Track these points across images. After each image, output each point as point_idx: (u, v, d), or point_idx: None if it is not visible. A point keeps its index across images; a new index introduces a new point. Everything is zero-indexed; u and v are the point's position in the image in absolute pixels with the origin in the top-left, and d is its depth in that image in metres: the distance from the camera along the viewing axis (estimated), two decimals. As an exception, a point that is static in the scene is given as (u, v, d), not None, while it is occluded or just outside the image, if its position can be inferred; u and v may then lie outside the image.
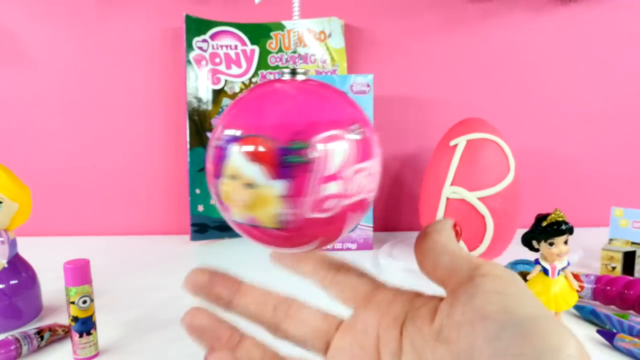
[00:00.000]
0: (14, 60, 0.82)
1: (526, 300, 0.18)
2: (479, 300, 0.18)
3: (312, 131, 0.21)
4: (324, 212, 0.21)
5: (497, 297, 0.18)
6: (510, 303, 0.18)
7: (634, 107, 0.83)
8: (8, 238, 0.48)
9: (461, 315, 0.19)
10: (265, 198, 0.21)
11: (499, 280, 0.19)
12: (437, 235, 0.22)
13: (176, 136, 0.84)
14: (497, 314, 0.17)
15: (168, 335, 0.46)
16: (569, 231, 0.43)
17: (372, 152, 0.23)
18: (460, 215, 0.61)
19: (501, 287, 0.18)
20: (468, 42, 0.82)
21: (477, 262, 0.20)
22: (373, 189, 0.24)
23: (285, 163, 0.21)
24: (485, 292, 0.18)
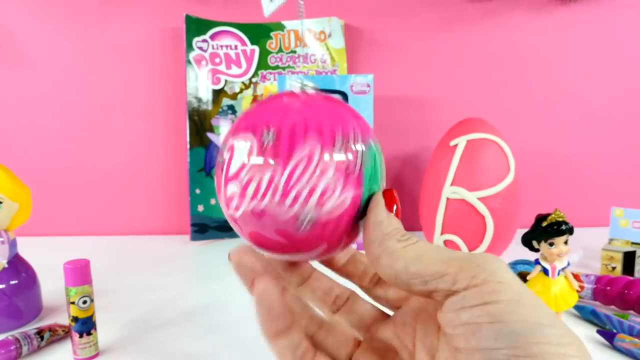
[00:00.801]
0: (14, 60, 0.82)
1: (520, 305, 0.17)
2: (465, 315, 0.18)
3: (229, 135, 0.22)
4: (233, 211, 0.22)
5: (483, 309, 0.17)
6: (500, 311, 0.17)
7: (634, 107, 0.83)
8: (8, 238, 0.48)
9: (453, 329, 0.18)
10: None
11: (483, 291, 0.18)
12: (389, 259, 0.20)
13: (176, 136, 0.84)
14: (486, 325, 0.17)
15: (168, 335, 0.46)
16: (569, 231, 0.43)
17: (280, 159, 0.21)
18: (460, 215, 0.61)
19: (487, 297, 0.17)
20: (468, 42, 0.82)
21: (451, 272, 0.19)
22: (285, 202, 0.21)
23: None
24: (470, 306, 0.18)
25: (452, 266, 0.19)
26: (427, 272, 0.19)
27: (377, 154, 0.23)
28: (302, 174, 0.21)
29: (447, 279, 0.19)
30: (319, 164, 0.21)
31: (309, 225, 0.21)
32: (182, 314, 0.50)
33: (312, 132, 0.21)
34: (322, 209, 0.21)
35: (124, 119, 0.84)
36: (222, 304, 0.52)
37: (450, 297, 0.19)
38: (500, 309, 0.17)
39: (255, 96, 0.81)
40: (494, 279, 0.18)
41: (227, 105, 0.81)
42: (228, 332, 0.46)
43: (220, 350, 0.43)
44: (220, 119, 0.80)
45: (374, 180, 0.23)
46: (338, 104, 0.24)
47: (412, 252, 0.20)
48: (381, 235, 0.21)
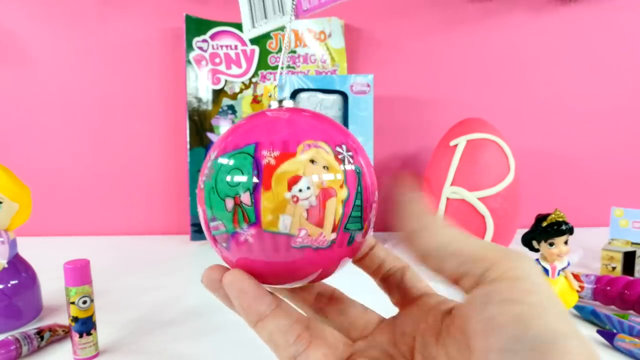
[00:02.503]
0: (14, 60, 0.82)
1: (547, 312, 0.16)
2: (491, 309, 0.17)
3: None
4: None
5: (511, 307, 0.16)
6: (527, 314, 0.16)
7: (634, 107, 0.83)
8: (8, 238, 0.48)
9: (476, 324, 0.17)
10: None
11: (515, 287, 0.17)
12: (429, 233, 0.20)
13: (176, 136, 0.84)
14: (510, 325, 0.16)
15: (168, 335, 0.46)
16: (569, 231, 0.43)
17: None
18: (460, 215, 0.61)
19: (517, 295, 0.17)
20: (468, 42, 0.82)
21: (489, 259, 0.18)
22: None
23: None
24: (498, 300, 0.17)
25: (491, 254, 0.18)
26: (466, 252, 0.19)
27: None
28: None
29: (483, 264, 0.18)
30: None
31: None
32: (182, 314, 0.50)
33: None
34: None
35: (123, 119, 0.84)
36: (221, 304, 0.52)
37: (479, 287, 0.18)
38: (526, 312, 0.16)
39: (255, 96, 0.81)
40: (528, 279, 0.17)
41: (227, 105, 0.81)
42: (228, 332, 0.46)
43: (220, 350, 0.43)
44: (220, 119, 0.80)
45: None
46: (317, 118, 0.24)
47: (452, 232, 0.20)
48: (422, 210, 0.21)
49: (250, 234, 0.21)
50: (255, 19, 0.29)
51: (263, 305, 0.21)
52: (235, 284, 0.21)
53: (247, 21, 0.30)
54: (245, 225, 0.20)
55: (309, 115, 0.23)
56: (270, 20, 0.28)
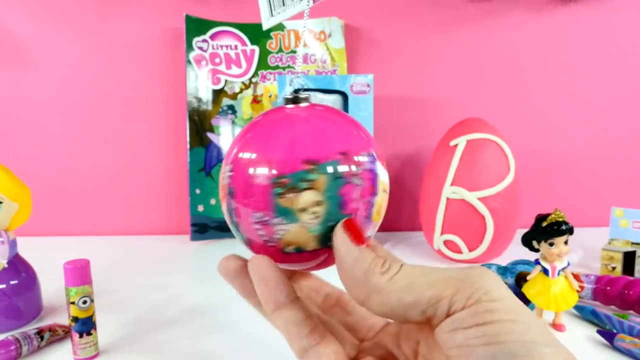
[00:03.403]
0: (14, 60, 0.82)
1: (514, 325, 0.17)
2: (459, 337, 0.17)
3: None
4: None
5: (477, 331, 0.17)
6: (494, 332, 0.17)
7: (634, 107, 0.83)
8: (8, 238, 0.48)
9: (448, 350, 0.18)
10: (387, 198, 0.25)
11: (476, 312, 0.17)
12: (379, 298, 0.19)
13: (176, 136, 0.84)
14: (481, 347, 0.17)
15: (168, 335, 0.46)
16: (569, 231, 0.43)
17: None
18: (460, 215, 0.61)
19: (480, 319, 0.17)
20: (468, 42, 0.82)
21: (447, 295, 0.18)
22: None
23: None
24: (464, 328, 0.17)
25: (447, 287, 0.18)
26: (423, 299, 0.18)
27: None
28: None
29: (444, 302, 0.18)
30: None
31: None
32: (182, 314, 0.50)
33: None
34: None
35: (124, 119, 0.84)
36: (222, 304, 0.52)
37: (445, 320, 0.18)
38: (495, 330, 0.17)
39: (255, 96, 0.81)
40: (488, 298, 0.17)
41: (227, 105, 0.81)
42: (228, 332, 0.46)
43: (220, 350, 0.43)
44: (220, 119, 0.80)
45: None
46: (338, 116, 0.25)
47: (401, 282, 0.19)
48: (362, 273, 0.20)
49: None
50: (273, 7, 0.29)
51: (282, 295, 0.22)
52: (260, 270, 0.22)
53: (265, 10, 0.30)
54: None
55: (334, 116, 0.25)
56: (289, 7, 0.28)
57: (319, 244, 0.22)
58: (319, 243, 0.22)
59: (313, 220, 0.21)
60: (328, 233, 0.22)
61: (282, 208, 0.21)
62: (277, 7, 0.29)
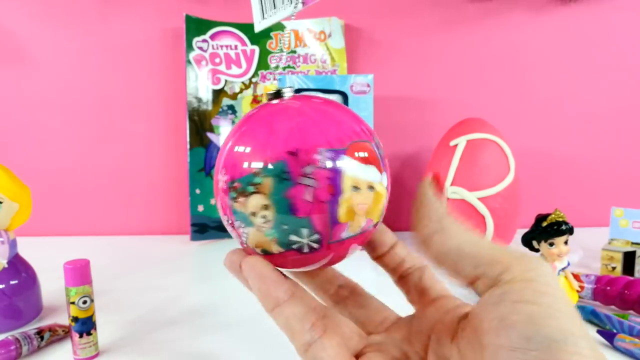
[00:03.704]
0: (14, 60, 0.82)
1: (559, 313, 0.17)
2: (504, 308, 0.17)
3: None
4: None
5: (524, 307, 0.17)
6: (539, 314, 0.17)
7: (634, 107, 0.83)
8: (8, 238, 0.48)
9: (489, 322, 0.18)
10: (381, 194, 0.22)
11: (528, 288, 0.17)
12: (445, 236, 0.21)
13: (176, 136, 0.84)
14: (522, 324, 0.17)
15: (168, 335, 0.46)
16: (569, 231, 0.43)
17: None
18: (460, 215, 0.61)
19: (530, 296, 0.17)
20: (468, 42, 0.82)
21: (504, 262, 0.18)
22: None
23: (381, 158, 0.23)
24: (512, 300, 0.17)
25: (506, 257, 0.19)
26: (481, 255, 0.19)
27: None
28: None
29: (498, 267, 0.18)
30: None
31: None
32: (182, 314, 0.50)
33: None
34: None
35: (124, 119, 0.84)
36: (222, 304, 0.52)
37: (493, 288, 0.18)
38: (540, 312, 0.17)
39: (255, 96, 0.81)
40: (542, 281, 0.18)
41: (227, 105, 0.81)
42: (228, 332, 0.46)
43: (220, 350, 0.43)
44: (220, 119, 0.80)
45: None
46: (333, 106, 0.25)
47: (468, 235, 0.20)
48: (439, 213, 0.21)
49: None
50: (265, 10, 0.30)
51: (280, 291, 0.21)
52: (255, 269, 0.22)
53: (257, 13, 0.30)
54: None
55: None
56: (279, 9, 0.29)
57: (283, 247, 0.21)
58: (281, 246, 0.21)
59: (265, 224, 0.21)
60: (285, 238, 0.21)
61: (238, 212, 0.21)
62: (269, 9, 0.30)
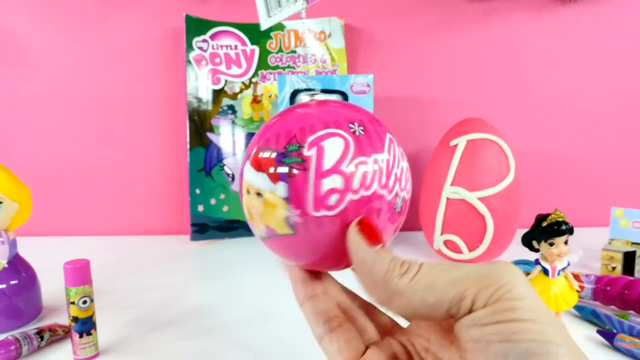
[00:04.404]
0: (13, 60, 0.82)
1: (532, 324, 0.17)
2: (475, 332, 0.18)
3: (305, 134, 0.22)
4: (329, 209, 0.22)
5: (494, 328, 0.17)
6: (511, 330, 0.17)
7: (634, 107, 0.83)
8: (8, 238, 0.48)
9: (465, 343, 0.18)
10: (273, 203, 0.22)
11: (495, 310, 0.17)
12: (400, 300, 0.19)
13: (176, 136, 0.84)
14: (496, 344, 0.17)
15: (168, 335, 0.46)
16: (569, 231, 0.43)
17: (377, 146, 0.23)
18: (460, 215, 0.61)
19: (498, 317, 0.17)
20: (468, 42, 0.82)
21: (469, 294, 0.18)
22: (388, 186, 0.23)
23: (284, 165, 0.22)
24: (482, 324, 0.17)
25: (470, 285, 0.18)
26: (446, 299, 0.18)
27: None
28: (394, 157, 0.24)
29: (467, 301, 0.18)
30: (397, 149, 0.25)
31: (401, 205, 0.24)
32: (182, 314, 0.50)
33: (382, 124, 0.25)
34: (407, 188, 0.25)
35: (124, 119, 0.84)
36: (222, 304, 0.52)
37: (465, 317, 0.18)
38: (512, 328, 0.17)
39: (255, 96, 0.81)
40: (510, 296, 0.17)
41: (227, 105, 0.81)
42: (228, 332, 0.46)
43: (220, 350, 0.43)
44: (220, 119, 0.80)
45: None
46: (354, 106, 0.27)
47: (422, 282, 0.19)
48: (381, 276, 0.20)
49: None
50: (270, 8, 0.30)
51: (308, 290, 0.25)
52: (292, 272, 0.26)
53: (262, 11, 0.30)
54: None
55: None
56: (285, 7, 0.29)
57: None
58: None
59: None
60: None
61: None
62: (274, 8, 0.30)
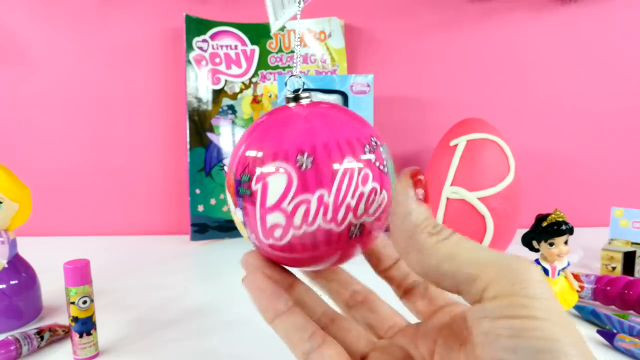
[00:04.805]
0: (14, 60, 0.82)
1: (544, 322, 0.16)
2: (487, 324, 0.17)
3: (256, 164, 0.22)
4: (276, 240, 0.22)
5: (505, 322, 0.17)
6: (521, 327, 0.16)
7: (634, 107, 0.83)
8: (8, 238, 0.48)
9: (476, 336, 0.18)
10: (238, 223, 0.24)
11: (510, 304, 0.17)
12: (421, 255, 0.19)
13: (176, 136, 0.84)
14: (505, 338, 0.17)
15: (168, 335, 0.46)
16: (569, 231, 0.43)
17: (324, 181, 0.21)
18: (460, 215, 0.61)
19: (511, 311, 0.17)
20: (468, 42, 0.82)
21: (484, 278, 0.18)
22: (337, 219, 0.22)
23: (239, 194, 0.23)
24: (493, 317, 0.17)
25: (487, 271, 0.18)
26: (461, 274, 0.18)
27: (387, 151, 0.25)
28: (347, 188, 0.22)
29: (479, 284, 0.18)
30: (359, 173, 0.22)
31: (359, 231, 0.22)
32: (182, 314, 0.50)
33: (345, 146, 0.22)
34: (370, 211, 0.22)
35: (124, 119, 0.84)
36: (222, 304, 0.52)
37: (477, 305, 0.18)
38: (524, 324, 0.16)
39: (255, 96, 0.81)
40: (525, 294, 0.17)
41: (227, 105, 0.81)
42: (228, 332, 0.46)
43: (220, 350, 0.43)
44: (220, 119, 0.80)
45: (393, 175, 0.24)
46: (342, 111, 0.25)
47: (445, 249, 0.19)
48: (411, 227, 0.19)
49: None
50: (276, 11, 0.30)
51: (280, 303, 0.22)
52: (254, 282, 0.23)
53: (271, 14, 0.31)
54: None
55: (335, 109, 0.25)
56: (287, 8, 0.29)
57: None
58: None
59: None
60: None
61: None
62: (279, 10, 0.30)
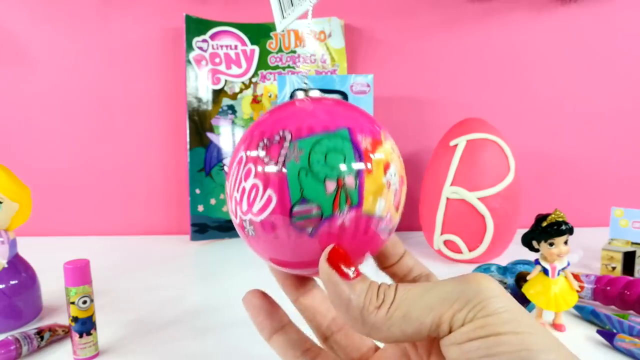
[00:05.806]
0: (14, 60, 0.82)
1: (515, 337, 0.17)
2: (455, 351, 0.18)
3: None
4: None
5: (472, 345, 0.17)
6: (487, 346, 0.17)
7: (634, 107, 0.83)
8: (8, 238, 0.48)
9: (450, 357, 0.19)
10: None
11: (471, 331, 0.17)
12: (378, 333, 0.19)
13: (176, 136, 0.84)
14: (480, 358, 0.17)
15: (168, 335, 0.46)
16: (569, 231, 0.43)
17: (230, 175, 0.22)
18: (460, 215, 0.61)
19: (473, 334, 0.17)
20: (468, 42, 0.82)
21: (443, 318, 0.18)
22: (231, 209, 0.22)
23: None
24: (458, 343, 0.18)
25: (445, 309, 0.18)
26: (424, 327, 0.18)
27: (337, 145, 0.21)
28: (234, 181, 0.22)
29: (445, 326, 0.18)
30: (244, 168, 0.21)
31: (252, 229, 0.21)
32: (182, 314, 0.50)
33: (249, 138, 0.22)
34: (253, 210, 0.21)
35: (124, 119, 0.84)
36: (222, 304, 0.52)
37: (445, 337, 0.18)
38: (492, 342, 0.17)
39: (255, 96, 0.81)
40: (484, 314, 0.17)
41: (227, 105, 0.81)
42: (228, 332, 0.46)
43: (220, 350, 0.43)
44: (220, 119, 0.80)
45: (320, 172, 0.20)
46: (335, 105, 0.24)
47: (398, 313, 0.19)
48: (358, 313, 0.19)
49: (349, 217, 0.20)
50: (284, 9, 0.30)
51: (276, 321, 0.23)
52: (251, 300, 0.24)
53: (277, 13, 0.31)
54: (347, 207, 0.20)
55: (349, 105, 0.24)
56: (297, 6, 0.29)
57: None
58: None
59: None
60: None
61: None
62: (287, 8, 0.30)
